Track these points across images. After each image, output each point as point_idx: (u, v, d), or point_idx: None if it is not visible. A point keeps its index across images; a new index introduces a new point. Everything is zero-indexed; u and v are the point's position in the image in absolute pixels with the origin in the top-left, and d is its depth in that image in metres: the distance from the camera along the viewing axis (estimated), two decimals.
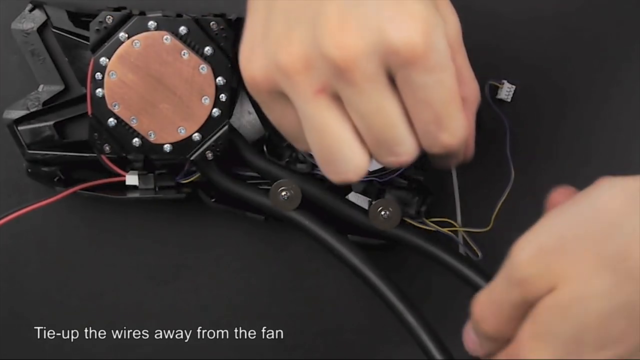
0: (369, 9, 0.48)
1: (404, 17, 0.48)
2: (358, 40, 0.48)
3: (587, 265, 0.48)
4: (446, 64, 0.50)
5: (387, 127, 0.51)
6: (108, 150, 0.63)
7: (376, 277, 0.62)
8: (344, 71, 0.49)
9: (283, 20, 0.51)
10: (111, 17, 0.62)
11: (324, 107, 0.51)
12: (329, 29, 0.48)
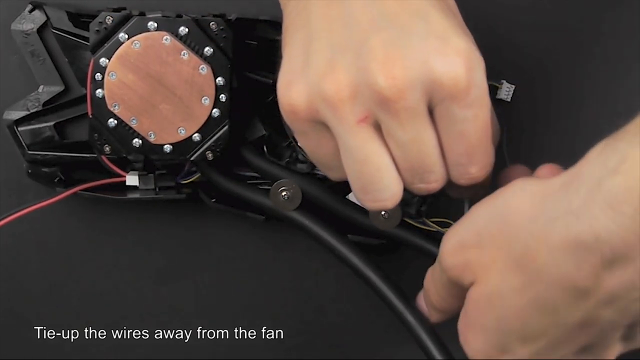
0: (415, 42, 0.50)
1: (449, 52, 0.49)
2: (405, 72, 0.49)
3: (501, 262, 0.51)
4: (484, 100, 0.51)
5: (422, 156, 0.52)
6: (108, 150, 0.63)
7: (376, 277, 0.62)
8: (389, 101, 0.50)
9: (325, 50, 0.52)
10: (111, 17, 0.62)
11: (366, 136, 0.52)
12: (376, 60, 0.50)
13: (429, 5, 0.51)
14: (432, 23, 0.50)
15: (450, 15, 0.52)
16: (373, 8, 0.50)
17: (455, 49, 0.50)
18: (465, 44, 0.50)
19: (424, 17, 0.50)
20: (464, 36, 0.51)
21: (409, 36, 0.50)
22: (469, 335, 0.54)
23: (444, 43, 0.50)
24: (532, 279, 0.49)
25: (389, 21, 0.50)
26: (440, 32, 0.50)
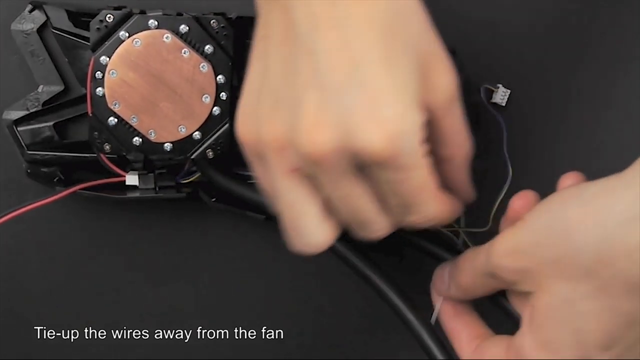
0: (343, 108, 0.49)
1: (372, 123, 0.48)
2: (328, 139, 0.49)
3: (569, 271, 0.50)
4: (414, 163, 0.51)
5: (355, 212, 0.53)
6: (108, 149, 0.63)
7: (377, 277, 0.62)
8: (314, 163, 0.50)
9: (272, 95, 0.52)
10: (111, 15, 0.62)
11: (294, 185, 0.53)
12: (304, 123, 0.50)
13: (372, 55, 0.49)
14: (367, 84, 0.49)
15: (394, 64, 0.50)
16: (315, 59, 0.50)
17: (380, 118, 0.48)
18: (394, 110, 0.49)
19: (360, 76, 0.49)
20: (398, 98, 0.49)
21: (340, 98, 0.49)
22: (542, 355, 0.53)
23: (371, 110, 0.48)
24: (608, 284, 0.49)
25: (325, 77, 0.49)
26: (371, 97, 0.49)
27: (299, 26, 0.50)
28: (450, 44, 0.53)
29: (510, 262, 0.53)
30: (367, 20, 0.49)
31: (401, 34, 0.50)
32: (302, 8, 0.50)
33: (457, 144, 0.55)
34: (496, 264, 0.54)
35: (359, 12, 0.49)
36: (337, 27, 0.49)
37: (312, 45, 0.49)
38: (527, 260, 0.53)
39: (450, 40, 0.54)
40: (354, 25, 0.49)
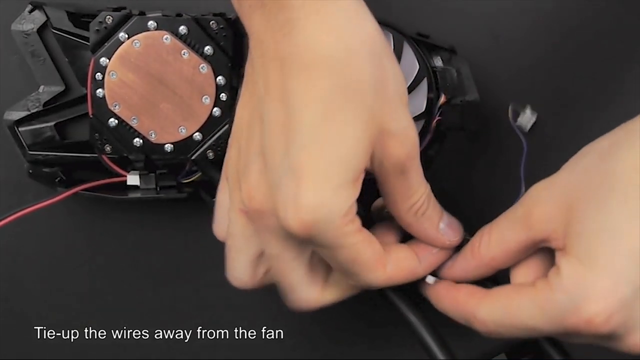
0: (274, 185, 0.52)
1: (292, 208, 0.51)
2: (261, 204, 0.53)
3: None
4: (337, 242, 0.52)
5: (283, 274, 0.56)
6: (109, 150, 0.63)
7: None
8: (251, 218, 0.55)
9: (238, 142, 0.57)
10: (111, 17, 0.62)
11: (241, 223, 0.57)
12: (245, 183, 0.54)
13: (305, 138, 0.50)
14: (294, 170, 0.50)
15: (327, 147, 0.50)
16: (263, 128, 0.52)
17: (299, 207, 0.50)
18: (313, 202, 0.50)
19: (289, 161, 0.50)
20: (320, 186, 0.50)
21: (273, 176, 0.52)
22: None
23: (293, 198, 0.50)
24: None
25: (266, 153, 0.52)
26: (295, 184, 0.50)
27: (258, 87, 0.53)
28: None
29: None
30: (310, 100, 0.50)
31: (346, 112, 0.50)
32: (260, 69, 0.52)
33: (405, 204, 0.56)
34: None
35: (304, 89, 0.50)
36: (283, 100, 0.50)
37: (263, 111, 0.52)
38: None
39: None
40: (297, 103, 0.50)
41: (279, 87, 0.50)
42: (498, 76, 0.66)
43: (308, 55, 0.49)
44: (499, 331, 0.55)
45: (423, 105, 0.63)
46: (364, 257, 0.54)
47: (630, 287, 0.50)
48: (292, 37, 0.50)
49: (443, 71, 0.63)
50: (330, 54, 0.49)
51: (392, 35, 0.63)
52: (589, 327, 0.51)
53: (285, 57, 0.50)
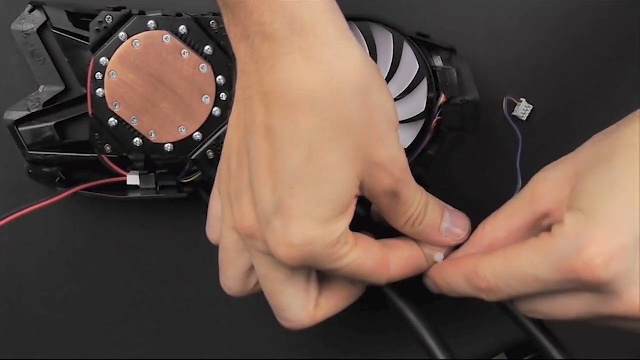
0: (263, 217, 0.52)
1: (281, 243, 0.52)
2: (252, 229, 0.54)
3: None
4: (332, 266, 0.53)
5: (274, 294, 0.56)
6: (109, 150, 0.63)
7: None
8: (243, 238, 0.55)
9: (230, 164, 0.55)
10: (111, 17, 0.62)
11: (232, 239, 0.57)
12: (237, 208, 0.54)
13: (292, 176, 0.51)
14: (282, 206, 0.51)
15: (314, 184, 0.51)
16: (251, 162, 0.52)
17: (288, 243, 0.51)
18: (301, 238, 0.51)
19: (277, 198, 0.51)
20: (307, 221, 0.51)
21: (262, 209, 0.52)
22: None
23: (282, 233, 0.51)
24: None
25: (255, 187, 0.53)
26: (283, 219, 0.51)
27: (245, 119, 0.53)
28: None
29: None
30: (295, 140, 0.50)
31: (333, 149, 0.50)
32: (246, 101, 0.52)
33: (401, 220, 0.56)
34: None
35: (290, 129, 0.50)
36: (269, 139, 0.51)
37: (249, 146, 0.52)
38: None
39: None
40: (283, 143, 0.50)
41: (264, 123, 0.50)
42: (498, 76, 0.66)
43: (292, 92, 0.49)
44: (500, 286, 0.54)
45: (423, 105, 0.63)
46: (364, 268, 0.54)
47: (632, 237, 0.50)
48: (276, 73, 0.49)
49: (443, 71, 0.63)
50: (314, 92, 0.49)
51: (392, 35, 0.63)
52: (587, 270, 0.50)
53: (269, 92, 0.50)
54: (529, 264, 0.53)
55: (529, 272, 0.53)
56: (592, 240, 0.50)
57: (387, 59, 0.63)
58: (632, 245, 0.50)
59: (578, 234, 0.51)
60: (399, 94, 0.64)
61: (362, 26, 0.63)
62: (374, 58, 0.63)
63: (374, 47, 0.63)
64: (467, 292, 0.58)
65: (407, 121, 0.64)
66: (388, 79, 0.64)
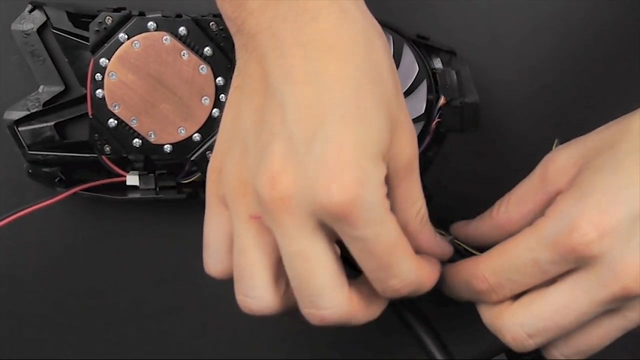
0: (307, 161, 0.49)
1: (333, 177, 0.48)
2: (289, 188, 0.49)
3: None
4: (380, 218, 0.50)
5: (308, 275, 0.51)
6: (108, 150, 0.63)
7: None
8: (273, 212, 0.50)
9: (242, 144, 0.53)
10: (111, 17, 0.62)
11: (252, 233, 0.53)
12: (267, 170, 0.50)
13: (341, 111, 0.49)
14: (332, 139, 0.49)
15: (362, 121, 0.50)
16: (285, 111, 0.50)
17: (342, 174, 0.48)
18: (356, 167, 0.49)
19: (326, 132, 0.49)
20: (361, 154, 0.49)
21: (304, 151, 0.49)
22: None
23: (333, 167, 0.48)
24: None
25: (293, 130, 0.50)
26: (334, 152, 0.48)
27: (273, 78, 0.51)
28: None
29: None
30: (341, 77, 0.50)
31: (373, 93, 0.50)
32: (276, 60, 0.51)
33: (413, 210, 0.55)
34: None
35: (334, 68, 0.50)
36: (310, 82, 0.50)
37: (283, 98, 0.50)
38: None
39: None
40: (327, 81, 0.49)
41: (303, 70, 0.50)
42: (498, 78, 0.66)
43: (333, 37, 0.50)
44: (501, 282, 0.55)
45: (422, 107, 0.63)
46: (403, 240, 0.52)
47: (627, 211, 0.51)
48: (313, 25, 0.50)
49: (443, 73, 0.63)
50: (353, 37, 0.50)
51: (392, 37, 0.63)
52: (581, 243, 0.51)
53: (307, 42, 0.50)
54: (527, 249, 0.54)
55: (527, 257, 0.53)
56: (585, 215, 0.51)
57: None
58: (627, 219, 0.51)
59: (571, 209, 0.52)
60: None
61: None
62: None
63: None
64: (470, 297, 0.58)
65: None
66: None
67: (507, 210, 0.58)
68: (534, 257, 0.53)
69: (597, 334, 0.56)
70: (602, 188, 0.52)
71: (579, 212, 0.52)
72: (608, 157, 0.53)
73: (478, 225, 0.60)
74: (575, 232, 0.51)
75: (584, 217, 0.51)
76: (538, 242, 0.53)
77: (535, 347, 0.56)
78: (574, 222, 0.52)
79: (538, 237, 0.53)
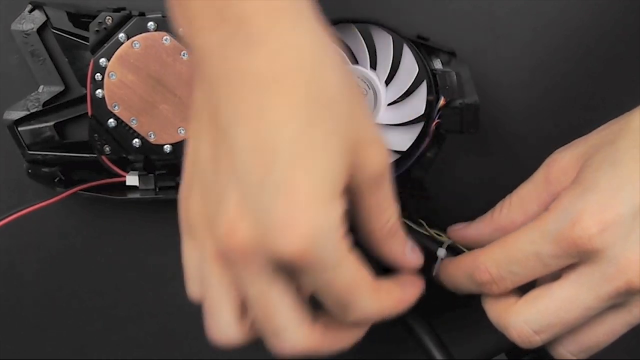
0: (260, 209, 0.48)
1: (287, 227, 0.47)
2: (246, 237, 0.49)
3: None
4: (336, 263, 0.49)
5: (269, 315, 0.51)
6: (108, 151, 0.63)
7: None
8: (230, 258, 0.50)
9: (202, 181, 0.52)
10: (110, 18, 0.62)
11: (217, 270, 0.52)
12: (224, 218, 0.49)
13: (289, 152, 0.47)
14: (283, 185, 0.47)
15: (312, 159, 0.48)
16: (235, 154, 0.49)
17: (296, 224, 0.47)
18: (309, 215, 0.47)
19: (276, 178, 0.47)
20: (314, 198, 0.47)
21: (257, 199, 0.48)
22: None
23: (287, 215, 0.47)
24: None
25: (244, 176, 0.48)
26: (286, 200, 0.47)
27: (221, 114, 0.49)
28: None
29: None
30: (286, 113, 0.47)
31: (324, 122, 0.48)
32: (225, 90, 0.49)
33: (380, 221, 0.53)
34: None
35: (278, 103, 0.47)
36: (257, 118, 0.48)
37: (233, 139, 0.48)
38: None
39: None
40: (273, 119, 0.47)
41: (248, 104, 0.48)
42: (498, 79, 0.66)
43: (276, 67, 0.48)
44: (503, 274, 0.55)
45: (422, 107, 0.63)
46: (360, 278, 0.51)
47: (629, 207, 0.51)
48: (256, 51, 0.48)
49: (443, 74, 0.63)
50: (297, 65, 0.48)
51: (392, 38, 0.63)
52: (583, 238, 0.51)
53: (251, 72, 0.48)
54: (529, 242, 0.54)
55: (529, 250, 0.53)
56: (587, 210, 0.52)
57: (387, 62, 0.63)
58: (628, 214, 0.51)
59: (573, 204, 0.52)
60: (398, 96, 0.64)
61: (362, 28, 0.63)
62: (373, 61, 0.64)
63: (373, 50, 0.63)
64: (471, 289, 0.58)
65: (406, 124, 0.64)
66: (387, 81, 0.64)
67: (509, 212, 0.58)
68: (535, 250, 0.53)
69: (603, 330, 0.56)
70: (603, 184, 0.52)
71: (580, 208, 0.52)
72: (608, 154, 0.54)
73: (478, 227, 0.59)
74: (577, 225, 0.52)
75: (585, 212, 0.52)
76: (540, 236, 0.53)
77: (541, 344, 0.56)
78: (576, 216, 0.52)
79: (540, 231, 0.54)
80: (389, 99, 0.64)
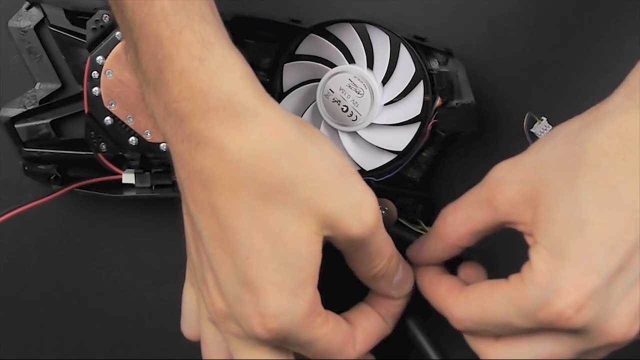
0: (232, 298, 0.51)
1: (255, 320, 0.50)
2: (226, 317, 0.53)
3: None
4: (307, 340, 0.52)
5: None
6: (104, 148, 0.63)
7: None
8: (218, 325, 0.54)
9: (190, 253, 0.56)
10: (108, 15, 0.62)
11: (210, 330, 0.56)
12: (206, 295, 0.54)
13: (247, 248, 0.49)
14: (247, 282, 0.50)
15: (271, 251, 0.49)
16: (204, 244, 0.51)
17: (263, 317, 0.50)
18: (274, 310, 0.50)
19: (240, 274, 0.50)
20: (278, 293, 0.50)
21: (228, 290, 0.51)
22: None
23: (254, 310, 0.50)
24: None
25: (215, 268, 0.51)
26: (252, 295, 0.50)
27: (187, 203, 0.52)
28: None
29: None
30: (234, 211, 0.49)
31: (275, 214, 0.49)
32: (184, 181, 0.51)
33: (366, 269, 0.55)
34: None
35: (226, 201, 0.49)
36: (212, 215, 0.50)
37: (199, 229, 0.51)
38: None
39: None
40: (223, 216, 0.49)
41: (204, 201, 0.50)
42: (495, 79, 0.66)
43: (221, 166, 0.49)
44: (475, 328, 0.54)
45: (419, 107, 0.63)
46: (334, 344, 0.53)
47: (602, 277, 0.49)
48: (203, 149, 0.49)
49: (439, 74, 0.63)
50: (242, 162, 0.48)
51: (389, 38, 0.63)
52: (560, 320, 0.50)
53: (201, 170, 0.49)
54: (503, 313, 0.52)
55: (504, 320, 0.52)
56: (562, 290, 0.50)
57: (384, 62, 0.63)
58: (603, 286, 0.49)
59: (547, 281, 0.50)
60: (395, 96, 0.64)
61: (359, 28, 0.63)
62: (370, 60, 0.63)
63: (370, 50, 0.63)
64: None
65: (402, 124, 0.64)
66: (384, 81, 0.64)
67: (455, 229, 0.56)
68: (510, 322, 0.52)
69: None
70: (574, 252, 0.50)
71: (556, 287, 0.50)
72: (570, 210, 0.50)
73: (430, 247, 0.58)
74: (553, 307, 0.50)
75: (561, 292, 0.50)
76: (515, 311, 0.52)
77: None
78: (552, 297, 0.50)
79: (515, 306, 0.52)
80: (385, 98, 0.64)
